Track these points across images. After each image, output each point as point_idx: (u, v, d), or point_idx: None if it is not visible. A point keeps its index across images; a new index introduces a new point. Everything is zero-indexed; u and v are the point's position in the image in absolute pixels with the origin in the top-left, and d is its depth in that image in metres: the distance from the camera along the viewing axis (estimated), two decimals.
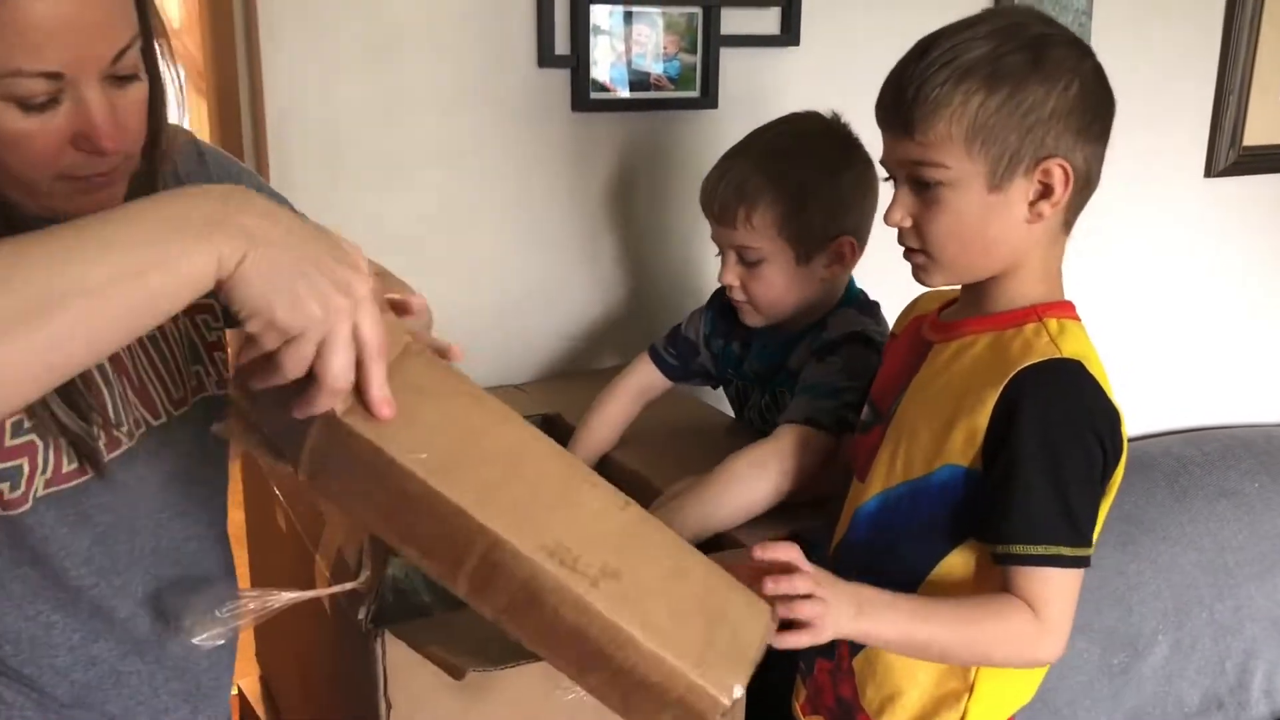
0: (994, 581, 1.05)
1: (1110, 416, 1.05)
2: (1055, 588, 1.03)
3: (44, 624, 0.93)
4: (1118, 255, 2.24)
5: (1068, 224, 1.11)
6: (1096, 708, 2.07)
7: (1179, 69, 2.21)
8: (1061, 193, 1.05)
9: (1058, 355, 1.04)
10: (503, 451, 0.83)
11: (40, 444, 0.88)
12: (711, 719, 0.83)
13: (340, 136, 1.61)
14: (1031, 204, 1.06)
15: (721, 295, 1.55)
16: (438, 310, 1.77)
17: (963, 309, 1.15)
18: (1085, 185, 1.08)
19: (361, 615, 0.98)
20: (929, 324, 1.18)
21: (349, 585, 1.00)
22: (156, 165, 0.92)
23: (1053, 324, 1.07)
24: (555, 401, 1.65)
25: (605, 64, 1.73)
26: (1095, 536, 1.07)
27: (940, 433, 1.08)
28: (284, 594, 0.97)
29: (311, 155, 1.60)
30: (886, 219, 1.11)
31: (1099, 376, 1.06)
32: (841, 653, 1.19)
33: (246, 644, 1.51)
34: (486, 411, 0.85)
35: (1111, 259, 2.24)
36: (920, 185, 1.08)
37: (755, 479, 1.29)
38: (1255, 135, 2.29)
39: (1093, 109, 1.06)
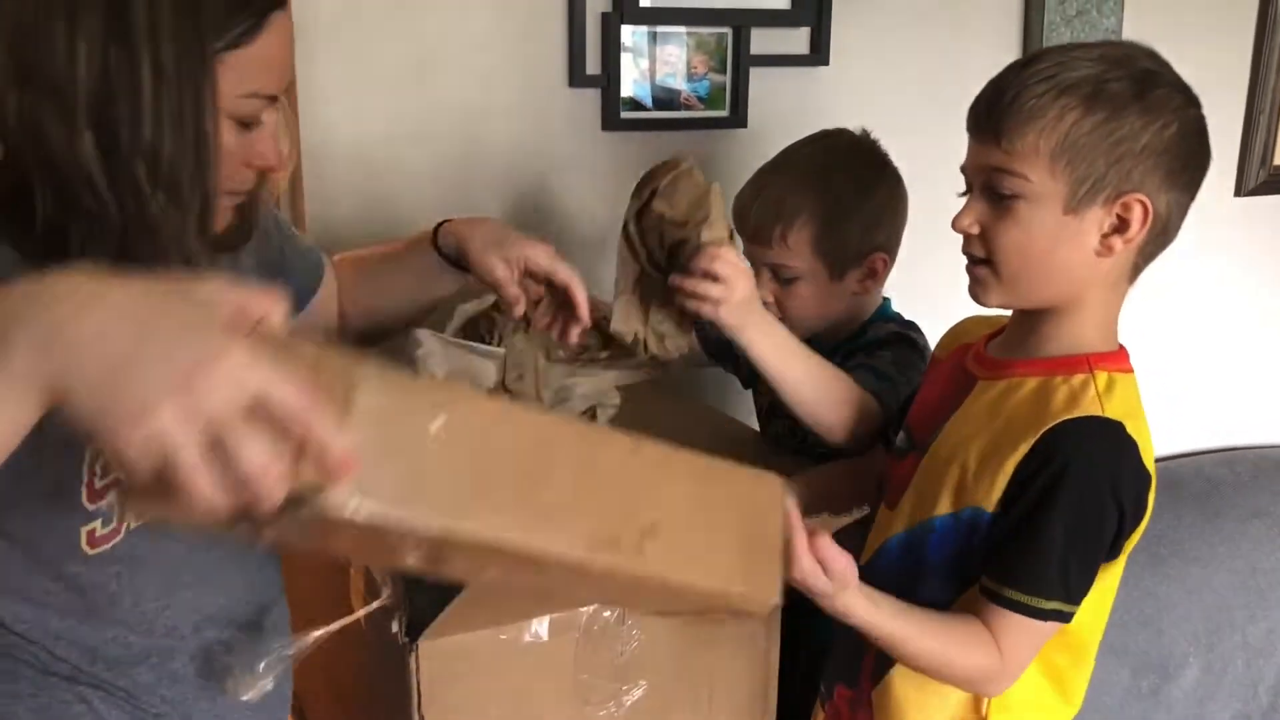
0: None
1: (1141, 481, 1.04)
2: (1029, 637, 1.04)
3: (122, 644, 0.95)
4: (1148, 274, 2.23)
5: (1136, 270, 1.09)
6: None
7: (1209, 89, 2.17)
8: (1138, 230, 1.03)
9: (1099, 414, 1.02)
10: (503, 448, 0.73)
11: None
12: (763, 614, 0.95)
13: (374, 155, 1.63)
14: (1105, 236, 1.03)
15: None
16: None
17: (1011, 344, 1.13)
18: (1163, 232, 1.05)
19: (395, 630, 0.99)
20: (974, 356, 1.16)
21: (375, 604, 1.01)
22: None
23: (1102, 378, 1.05)
24: None
25: (635, 84, 1.74)
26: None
27: (974, 474, 1.07)
28: (314, 633, 0.99)
29: (346, 174, 1.61)
30: (955, 224, 1.08)
31: (1138, 436, 1.04)
32: (863, 685, 1.18)
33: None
34: (459, 402, 0.72)
35: (1142, 277, 2.22)
36: (996, 194, 1.05)
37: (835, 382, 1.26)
38: None
39: (1186, 156, 1.04)
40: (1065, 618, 1.03)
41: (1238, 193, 2.29)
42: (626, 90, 1.73)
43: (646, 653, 1.07)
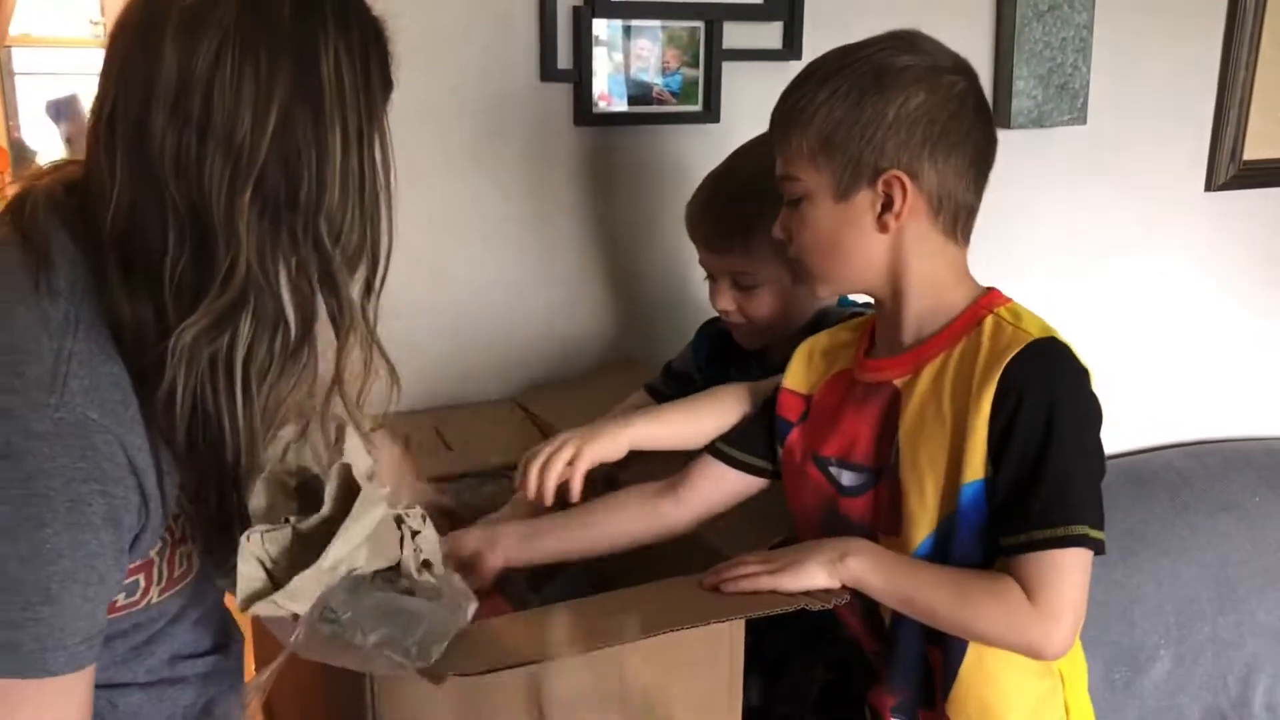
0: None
1: (1088, 379, 1.08)
2: (1079, 574, 1.03)
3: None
4: (1118, 268, 2.24)
5: (952, 235, 1.12)
6: None
7: (1180, 83, 2.22)
8: (902, 204, 1.08)
9: (1032, 336, 1.06)
10: None
11: (157, 559, 0.92)
12: None
13: None
14: (879, 215, 1.09)
15: (709, 326, 1.54)
16: (437, 321, 1.77)
17: (893, 342, 1.16)
18: (948, 200, 1.10)
19: None
20: (868, 369, 1.17)
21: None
22: None
23: (1005, 313, 1.10)
24: (551, 413, 1.65)
25: (607, 78, 1.73)
26: None
27: (955, 455, 1.07)
28: (271, 665, 1.00)
29: None
30: (773, 234, 1.17)
31: (1067, 342, 1.08)
32: (938, 702, 1.17)
33: (246, 664, 1.50)
34: None
35: (1112, 272, 2.24)
36: (792, 202, 1.13)
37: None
38: (1255, 149, 2.29)
39: (942, 124, 1.08)
40: (1103, 547, 1.04)
41: (1208, 188, 2.30)
42: (600, 84, 1.72)
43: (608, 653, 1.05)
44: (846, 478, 1.18)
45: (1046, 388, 1.04)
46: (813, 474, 1.21)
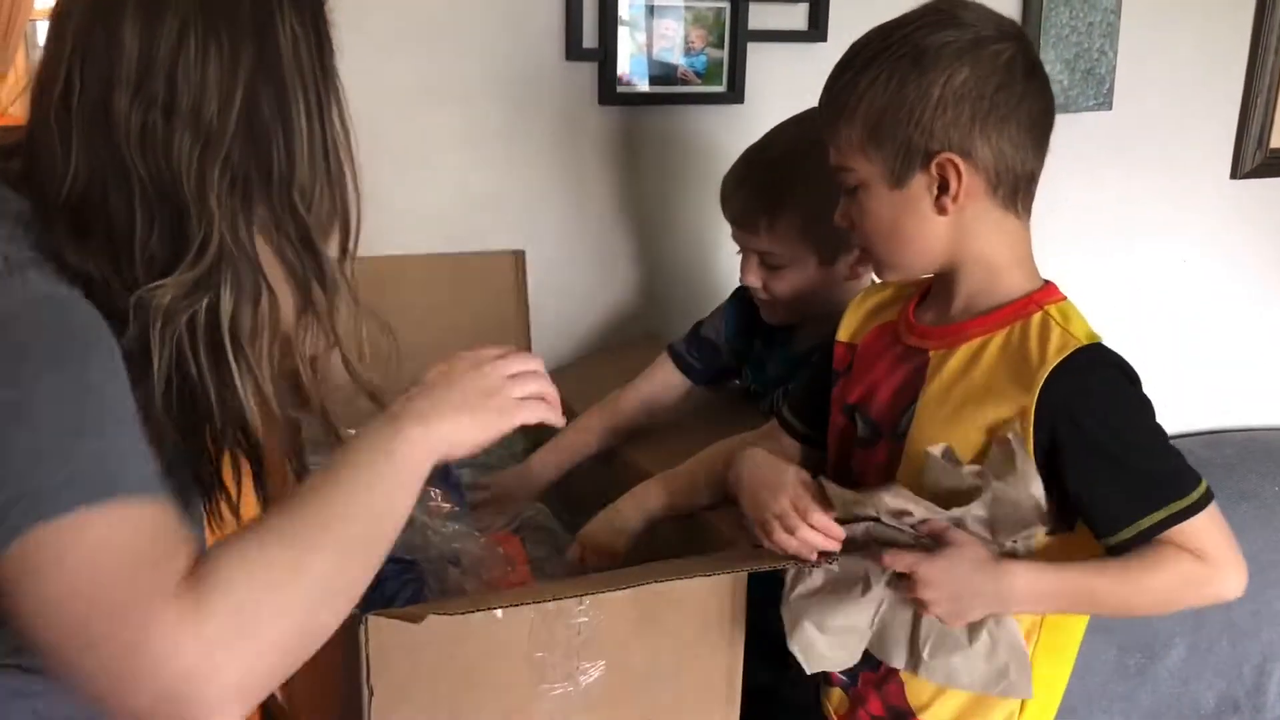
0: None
1: (1131, 379, 1.08)
2: (1201, 530, 1.03)
3: None
4: (1142, 255, 2.24)
5: (1015, 210, 1.10)
6: (1112, 708, 2.07)
7: (1207, 70, 2.20)
8: (957, 186, 1.06)
9: (1079, 343, 1.05)
10: None
11: None
12: None
13: (367, 127, 1.60)
14: (936, 198, 1.08)
15: (742, 292, 1.55)
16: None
17: (941, 309, 1.15)
18: (1006, 173, 1.08)
19: None
20: (910, 329, 1.17)
21: None
22: None
23: (1054, 311, 1.08)
24: (571, 391, 1.65)
25: (631, 57, 1.73)
26: None
27: (968, 442, 1.07)
28: None
29: None
30: (835, 222, 1.16)
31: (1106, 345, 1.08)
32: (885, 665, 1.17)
33: None
34: None
35: (1136, 259, 2.23)
36: (850, 191, 1.12)
37: None
38: None
39: (990, 97, 1.05)
40: (1210, 495, 1.05)
41: (1234, 175, 2.28)
42: (623, 64, 1.73)
43: (606, 631, 1.05)
44: (861, 427, 1.19)
45: (1101, 403, 1.04)
46: (840, 420, 1.22)
